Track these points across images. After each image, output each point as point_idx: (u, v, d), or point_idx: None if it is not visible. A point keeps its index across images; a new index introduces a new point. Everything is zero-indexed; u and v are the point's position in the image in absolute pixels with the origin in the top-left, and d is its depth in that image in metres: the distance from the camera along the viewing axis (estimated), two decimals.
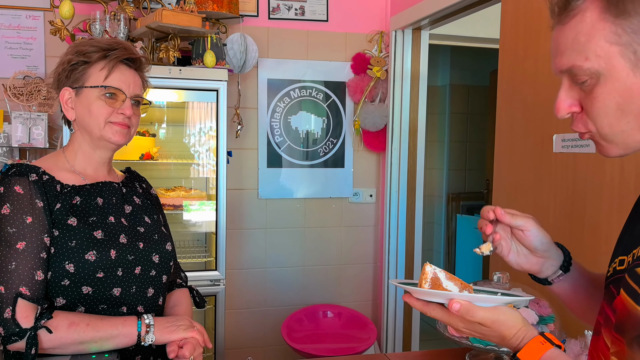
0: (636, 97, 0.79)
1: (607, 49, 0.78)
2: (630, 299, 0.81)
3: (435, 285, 0.92)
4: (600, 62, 0.79)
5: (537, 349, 0.86)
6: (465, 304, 0.89)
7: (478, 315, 0.89)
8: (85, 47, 1.39)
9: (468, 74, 5.27)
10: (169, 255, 1.50)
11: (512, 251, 1.06)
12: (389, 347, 3.38)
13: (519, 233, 1.04)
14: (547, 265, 1.06)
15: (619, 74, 0.79)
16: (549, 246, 1.05)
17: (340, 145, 3.44)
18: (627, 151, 0.86)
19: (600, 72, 0.79)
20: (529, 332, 0.89)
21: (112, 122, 1.38)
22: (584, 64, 0.80)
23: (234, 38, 2.98)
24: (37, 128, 2.73)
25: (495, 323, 0.89)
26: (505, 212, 1.03)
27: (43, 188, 1.32)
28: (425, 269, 0.93)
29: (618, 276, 0.88)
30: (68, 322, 1.26)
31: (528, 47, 2.11)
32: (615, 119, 0.81)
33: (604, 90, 0.80)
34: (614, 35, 0.78)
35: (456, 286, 0.94)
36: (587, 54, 0.79)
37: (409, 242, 3.38)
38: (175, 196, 2.83)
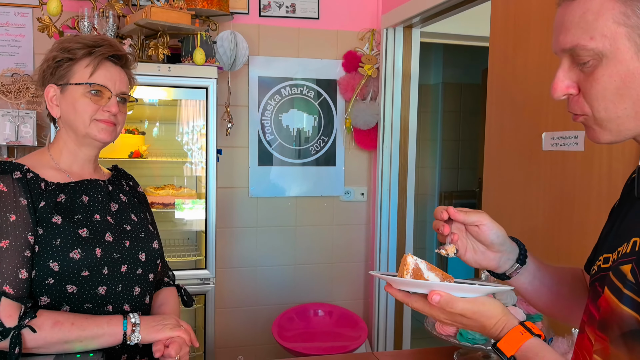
0: (637, 83, 0.78)
1: (614, 29, 0.76)
2: (614, 297, 0.81)
3: (417, 276, 0.92)
4: (605, 43, 0.77)
5: (517, 338, 0.86)
6: (445, 296, 0.88)
7: (458, 306, 0.88)
8: (70, 43, 1.38)
9: (461, 72, 5.27)
10: (156, 254, 1.49)
11: (469, 249, 1.05)
12: (380, 346, 3.38)
13: (474, 229, 1.03)
14: (504, 260, 1.06)
15: (623, 56, 0.77)
16: (505, 239, 1.04)
17: (332, 144, 3.44)
18: (617, 138, 0.84)
19: (604, 53, 0.77)
20: (509, 322, 0.89)
21: (97, 119, 1.36)
22: (588, 44, 0.78)
23: (224, 35, 2.97)
24: (25, 126, 2.71)
25: (476, 314, 0.89)
26: (458, 210, 1.02)
27: (27, 186, 1.30)
28: (406, 260, 0.93)
29: (603, 274, 0.87)
30: (52, 321, 1.25)
31: (518, 46, 2.11)
32: (612, 103, 0.80)
33: (605, 73, 0.79)
34: (622, 16, 0.76)
35: (437, 277, 0.93)
36: (593, 33, 0.78)
37: (400, 241, 3.37)
38: (165, 194, 2.81)
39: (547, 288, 1.09)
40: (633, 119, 0.81)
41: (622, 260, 0.81)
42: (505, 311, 0.91)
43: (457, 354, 1.53)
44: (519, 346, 0.86)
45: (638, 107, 0.79)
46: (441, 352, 1.58)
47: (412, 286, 0.91)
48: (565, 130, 1.82)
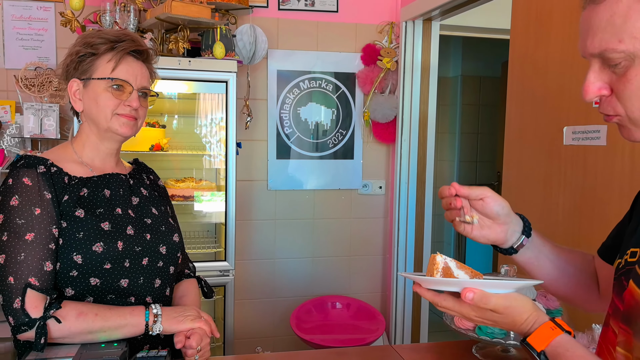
0: None
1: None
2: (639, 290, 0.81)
3: (447, 274, 0.92)
4: (636, 44, 0.77)
5: (548, 334, 0.87)
6: (479, 292, 0.89)
7: (491, 302, 0.89)
8: (93, 38, 1.40)
9: (480, 65, 5.22)
10: (176, 247, 1.51)
11: (476, 226, 1.06)
12: (397, 339, 3.38)
13: (478, 204, 1.05)
14: (511, 232, 1.07)
15: None
16: (509, 211, 1.06)
17: (350, 137, 3.44)
18: None
19: (636, 54, 0.77)
20: (539, 318, 0.90)
21: (119, 114, 1.38)
22: (617, 47, 0.78)
23: (244, 29, 2.98)
24: (48, 119, 2.75)
25: (509, 309, 0.90)
26: (461, 186, 1.04)
27: (51, 180, 1.32)
28: (436, 259, 0.93)
29: (629, 268, 0.88)
30: (77, 312, 1.27)
31: (539, 38, 2.09)
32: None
33: (638, 73, 0.79)
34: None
35: (467, 275, 0.94)
36: (622, 36, 0.77)
37: (418, 234, 3.37)
38: (185, 187, 2.84)
39: (552, 264, 1.11)
40: None
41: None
42: (535, 307, 0.91)
43: (476, 348, 1.53)
44: (549, 341, 0.86)
45: None
46: (459, 345, 1.58)
47: (444, 285, 0.92)
48: (587, 125, 1.80)
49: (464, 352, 1.52)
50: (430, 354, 1.54)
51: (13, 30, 2.92)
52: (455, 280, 0.91)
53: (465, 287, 0.89)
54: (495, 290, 0.89)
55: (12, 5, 2.90)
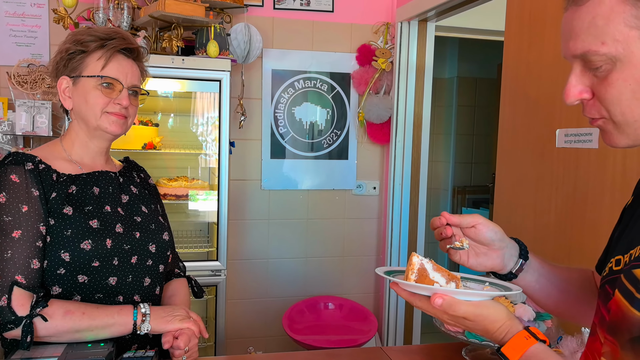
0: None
1: (627, 33, 0.75)
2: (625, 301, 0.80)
3: (422, 276, 0.91)
4: (618, 47, 0.75)
5: (522, 344, 0.85)
6: (448, 299, 0.88)
7: (461, 310, 0.88)
8: (83, 36, 1.39)
9: (476, 66, 5.22)
10: (166, 245, 1.50)
11: (471, 254, 1.05)
12: (389, 340, 3.38)
13: (471, 231, 1.03)
14: (507, 257, 1.05)
15: (638, 59, 0.75)
16: (503, 236, 1.04)
17: (344, 137, 3.43)
18: (635, 142, 0.82)
19: (618, 57, 0.76)
20: (513, 327, 0.88)
21: (108, 112, 1.37)
22: (600, 49, 0.76)
23: (238, 28, 2.97)
24: (41, 116, 2.74)
25: (479, 317, 0.88)
26: (452, 215, 1.03)
27: (39, 177, 1.32)
28: (412, 260, 0.92)
29: (614, 276, 0.86)
30: (64, 310, 1.26)
31: (533, 41, 2.08)
32: (629, 107, 0.78)
33: (620, 77, 0.77)
34: (634, 18, 0.74)
35: (443, 277, 0.92)
36: (604, 39, 0.76)
37: (412, 235, 3.37)
38: (178, 186, 2.83)
39: (554, 286, 1.09)
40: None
41: (635, 264, 0.80)
42: (510, 315, 0.90)
43: (466, 351, 1.53)
44: (523, 351, 0.84)
45: None
46: (450, 348, 1.57)
47: (416, 289, 0.91)
48: (580, 128, 1.80)
49: (453, 355, 1.52)
50: (420, 356, 1.53)
51: (6, 27, 2.90)
52: (428, 286, 0.90)
53: (435, 293, 0.88)
54: (466, 298, 0.88)
55: (5, 2, 2.88)
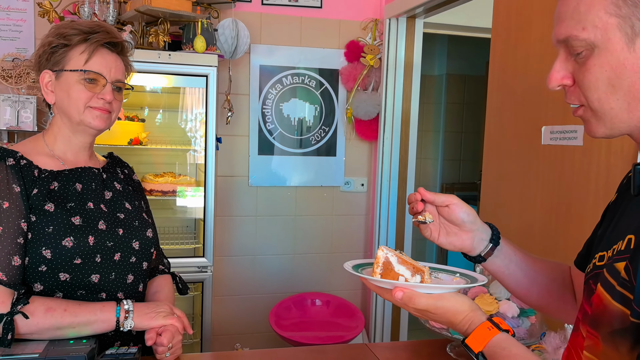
0: (627, 74, 0.78)
1: (606, 20, 0.77)
2: (606, 294, 0.81)
3: (387, 269, 0.92)
4: (597, 33, 0.77)
5: (485, 334, 0.87)
6: (408, 292, 0.90)
7: (421, 302, 0.90)
8: (66, 29, 1.37)
9: (465, 63, 5.23)
10: (150, 242, 1.49)
11: (442, 232, 1.08)
12: (377, 336, 3.39)
13: (444, 210, 1.06)
14: (477, 240, 1.07)
15: (614, 47, 0.77)
16: (475, 218, 1.06)
17: (333, 134, 3.43)
18: (612, 132, 0.84)
19: (596, 43, 0.78)
20: (476, 318, 0.89)
21: (91, 107, 1.36)
22: (580, 34, 0.79)
23: (226, 23, 2.95)
24: (25, 111, 2.71)
25: (440, 309, 0.90)
26: (427, 191, 1.05)
27: (20, 173, 1.30)
28: (377, 254, 0.94)
29: (597, 272, 0.87)
30: (45, 307, 1.25)
31: (519, 38, 2.09)
32: (605, 94, 0.80)
33: (596, 63, 0.79)
34: (614, 6, 0.76)
35: (408, 270, 0.93)
36: (585, 24, 0.78)
37: (399, 232, 3.37)
38: (164, 182, 2.81)
39: (524, 274, 1.11)
40: (626, 111, 0.80)
41: (617, 258, 0.81)
42: (473, 307, 0.91)
43: (450, 347, 1.53)
44: (486, 342, 0.86)
45: (630, 99, 0.79)
46: (435, 344, 1.58)
47: (379, 283, 0.93)
48: (565, 125, 1.81)
49: (438, 351, 1.52)
50: (405, 353, 1.54)
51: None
52: (389, 281, 0.91)
53: (396, 287, 0.90)
54: (427, 291, 0.90)
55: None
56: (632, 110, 0.80)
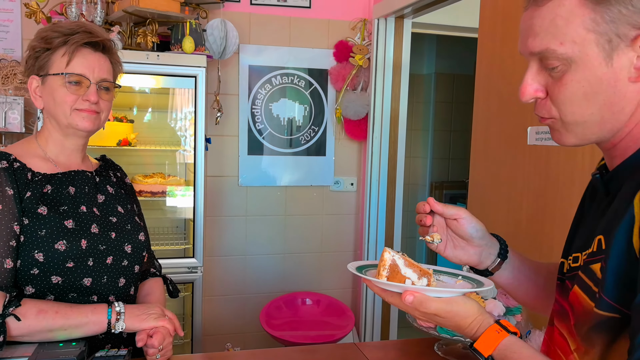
0: (604, 89, 0.78)
1: (584, 35, 0.77)
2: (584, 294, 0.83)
3: (394, 272, 0.91)
4: (574, 49, 0.78)
5: (493, 338, 0.86)
6: (419, 296, 0.88)
7: (432, 307, 0.88)
8: (48, 32, 1.36)
9: (454, 62, 5.26)
10: (142, 246, 1.49)
11: (449, 245, 1.05)
12: (367, 335, 3.41)
13: (453, 223, 1.03)
14: (485, 255, 1.05)
15: (592, 62, 0.78)
16: (484, 234, 1.04)
17: (322, 134, 3.44)
18: (582, 142, 0.85)
19: (573, 58, 0.78)
20: (484, 321, 0.89)
21: (78, 109, 1.36)
22: (558, 49, 0.79)
23: (214, 24, 2.95)
24: (13, 112, 2.69)
25: (450, 313, 0.89)
26: (437, 202, 1.03)
27: (13, 175, 1.30)
28: (383, 256, 0.92)
29: (573, 273, 0.89)
30: (36, 309, 1.25)
31: (505, 39, 2.11)
32: (580, 108, 0.81)
33: (574, 78, 0.80)
34: (592, 22, 0.77)
35: (415, 273, 0.92)
36: (563, 39, 0.78)
37: (389, 230, 3.39)
38: (153, 183, 2.81)
39: (529, 280, 1.10)
40: (598, 124, 0.82)
41: (591, 259, 0.83)
42: (481, 310, 0.90)
43: (438, 345, 1.55)
44: (495, 345, 0.85)
45: (604, 113, 0.80)
46: (423, 343, 1.59)
47: (387, 287, 0.91)
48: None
49: (426, 350, 1.54)
50: (393, 352, 1.55)
51: None
52: (398, 284, 0.90)
53: (406, 291, 0.88)
54: (437, 295, 0.89)
55: None
56: (604, 123, 0.81)
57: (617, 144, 0.84)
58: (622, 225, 0.74)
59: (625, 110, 0.80)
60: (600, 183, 0.87)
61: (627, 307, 0.74)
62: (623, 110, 0.80)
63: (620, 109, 0.79)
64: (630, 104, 0.79)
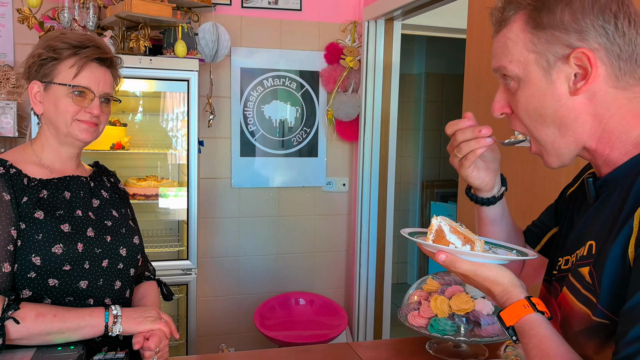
0: (549, 103, 0.87)
1: (526, 55, 0.88)
2: (572, 296, 0.88)
3: (439, 237, 0.96)
4: (520, 67, 0.89)
5: (519, 311, 0.89)
6: (450, 256, 0.93)
7: (462, 267, 0.93)
8: (56, 42, 1.38)
9: (443, 62, 5.31)
10: (137, 249, 1.52)
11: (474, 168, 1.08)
12: (360, 333, 3.44)
13: None
14: (498, 180, 1.13)
15: (534, 78, 0.88)
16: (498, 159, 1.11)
17: (314, 135, 3.47)
18: (564, 161, 0.92)
19: (520, 76, 0.89)
20: (513, 293, 0.91)
21: (79, 120, 1.38)
22: (508, 66, 0.90)
23: (206, 27, 2.97)
24: (5, 117, 2.70)
25: (478, 277, 0.93)
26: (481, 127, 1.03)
27: (10, 181, 1.32)
28: (432, 221, 0.98)
29: (563, 274, 0.95)
30: (35, 313, 1.27)
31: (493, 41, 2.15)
32: (537, 123, 0.90)
33: (524, 94, 0.90)
34: (531, 44, 0.88)
35: (459, 240, 0.96)
36: (511, 58, 0.90)
37: (381, 230, 3.43)
38: (147, 186, 2.83)
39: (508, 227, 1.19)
40: (559, 137, 0.89)
41: (580, 263, 0.88)
42: (515, 282, 0.92)
43: (429, 344, 1.59)
44: (519, 318, 0.88)
45: (558, 125, 0.88)
46: (415, 342, 1.63)
47: (427, 247, 0.96)
48: None
49: (418, 349, 1.57)
50: (386, 351, 1.58)
51: None
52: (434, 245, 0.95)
53: (440, 250, 0.93)
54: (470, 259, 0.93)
55: None
56: (564, 136, 0.89)
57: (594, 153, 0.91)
58: (620, 236, 0.80)
59: (579, 121, 0.87)
60: (591, 188, 0.94)
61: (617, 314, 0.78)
62: (576, 122, 0.87)
63: (572, 120, 0.87)
64: (582, 115, 0.87)
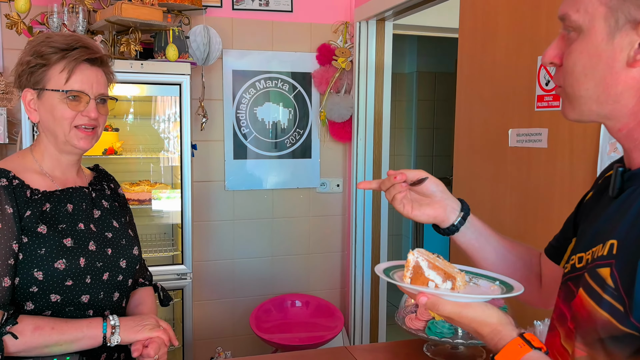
0: (601, 66, 0.80)
1: (596, 7, 0.79)
2: (591, 301, 0.80)
3: (417, 274, 0.92)
4: (585, 18, 0.80)
5: (515, 351, 0.82)
6: (432, 298, 0.88)
7: (445, 309, 0.88)
8: (43, 47, 1.34)
9: (435, 60, 5.31)
10: (136, 260, 1.50)
11: (415, 206, 1.09)
12: (356, 335, 3.44)
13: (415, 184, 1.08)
14: (450, 210, 1.10)
15: (596, 36, 0.80)
16: (444, 189, 1.10)
17: (307, 136, 3.46)
18: (581, 117, 0.87)
19: (582, 27, 0.81)
20: (504, 333, 0.85)
21: (77, 125, 1.36)
22: (573, 14, 0.82)
23: (197, 30, 2.96)
24: None
25: (464, 318, 0.88)
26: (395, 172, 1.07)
27: (13, 194, 1.29)
28: (408, 257, 0.93)
29: (577, 274, 0.88)
30: (33, 326, 1.26)
31: (486, 42, 2.15)
32: (577, 81, 0.83)
33: (577, 48, 0.82)
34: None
35: (439, 276, 0.91)
36: (579, 6, 0.81)
37: (375, 230, 3.43)
38: (140, 190, 2.81)
39: (493, 249, 1.13)
40: (595, 103, 0.83)
41: (599, 263, 0.81)
42: (503, 320, 0.87)
43: (427, 347, 1.59)
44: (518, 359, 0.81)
45: (600, 91, 0.82)
46: (412, 345, 1.63)
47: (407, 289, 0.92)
48: (530, 128, 1.88)
49: (415, 351, 1.58)
50: (383, 354, 1.59)
51: None
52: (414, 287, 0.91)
53: (421, 292, 0.88)
54: (453, 300, 0.87)
55: None
56: (602, 103, 0.82)
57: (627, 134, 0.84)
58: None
59: (624, 96, 0.80)
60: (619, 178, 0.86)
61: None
62: (621, 95, 0.80)
63: (617, 92, 0.80)
64: (630, 90, 0.80)
